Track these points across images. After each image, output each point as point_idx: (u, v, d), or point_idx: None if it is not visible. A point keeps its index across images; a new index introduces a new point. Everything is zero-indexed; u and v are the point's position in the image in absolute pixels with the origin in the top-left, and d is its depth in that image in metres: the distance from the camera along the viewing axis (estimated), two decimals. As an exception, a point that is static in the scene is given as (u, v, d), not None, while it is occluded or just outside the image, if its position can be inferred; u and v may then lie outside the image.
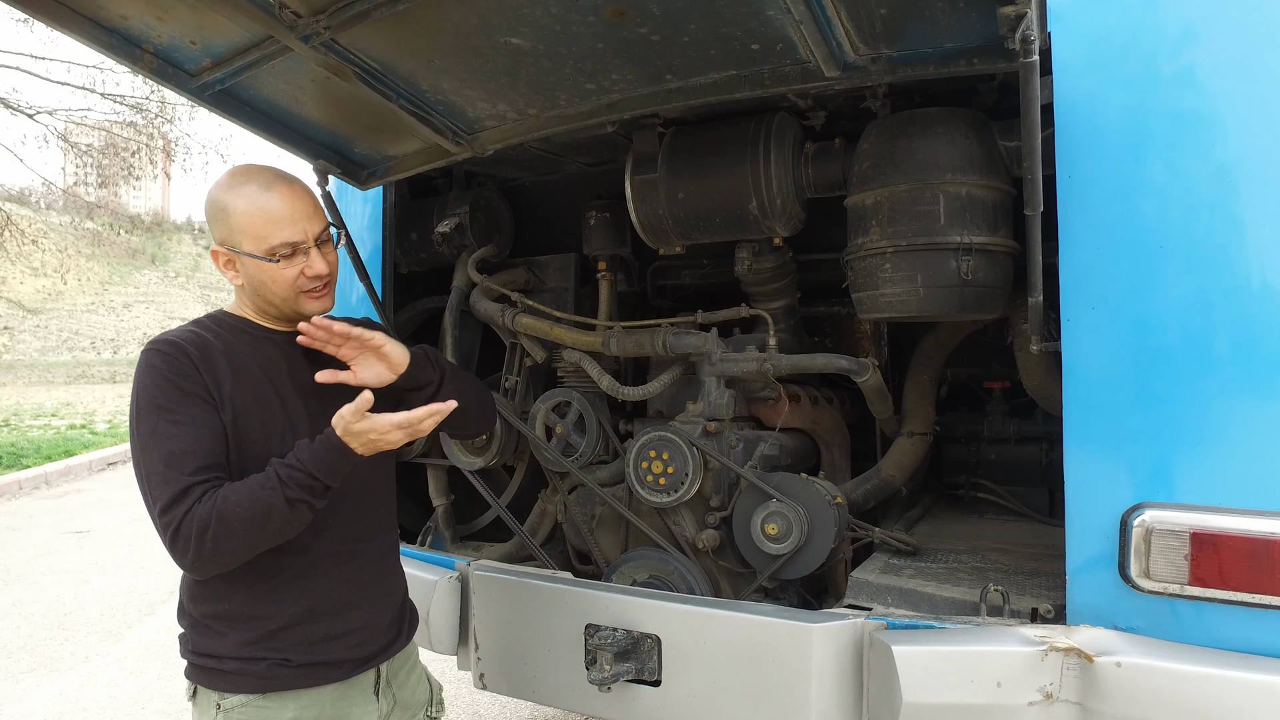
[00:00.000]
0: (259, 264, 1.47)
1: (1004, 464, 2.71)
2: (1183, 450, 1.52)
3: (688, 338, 2.20)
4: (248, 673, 1.41)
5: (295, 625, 1.43)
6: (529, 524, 2.54)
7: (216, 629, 1.42)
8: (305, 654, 1.44)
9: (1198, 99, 1.51)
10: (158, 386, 1.35)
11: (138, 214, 41.51)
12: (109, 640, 4.55)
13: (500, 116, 2.07)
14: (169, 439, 1.32)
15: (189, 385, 1.37)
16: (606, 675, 1.80)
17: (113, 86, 12.28)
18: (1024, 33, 1.34)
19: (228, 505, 1.29)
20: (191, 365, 1.39)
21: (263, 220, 1.45)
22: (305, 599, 1.45)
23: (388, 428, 1.36)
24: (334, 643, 1.47)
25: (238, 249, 1.48)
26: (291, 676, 1.42)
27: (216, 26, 1.72)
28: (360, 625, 1.52)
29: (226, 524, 1.28)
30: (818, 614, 1.76)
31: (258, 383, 1.46)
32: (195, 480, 1.30)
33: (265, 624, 1.42)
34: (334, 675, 1.47)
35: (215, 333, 1.49)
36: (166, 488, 1.29)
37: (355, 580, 1.53)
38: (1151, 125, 1.54)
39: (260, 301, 1.53)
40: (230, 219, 1.47)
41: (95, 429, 13.16)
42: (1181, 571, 1.48)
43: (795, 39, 1.62)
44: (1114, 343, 1.57)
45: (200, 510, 1.28)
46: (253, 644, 1.41)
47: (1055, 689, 1.55)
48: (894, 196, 1.88)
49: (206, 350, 1.42)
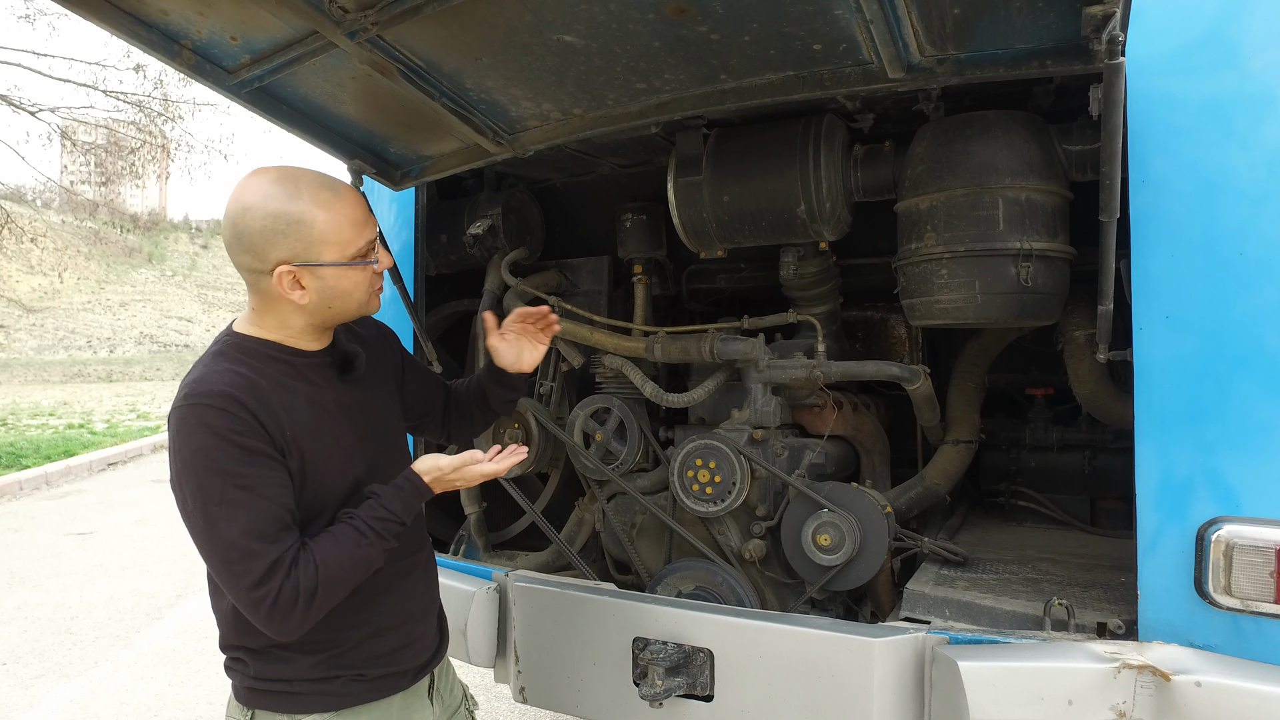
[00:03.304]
0: (342, 272, 1.36)
1: (1045, 471, 2.67)
2: (1262, 463, 1.48)
3: (735, 344, 2.16)
4: (323, 692, 1.38)
5: (366, 642, 1.42)
6: (566, 533, 2.50)
7: (284, 655, 1.37)
8: (377, 667, 1.43)
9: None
10: (220, 450, 1.22)
11: (136, 213, 41.36)
12: (118, 645, 4.49)
13: (544, 116, 2.03)
14: (244, 506, 1.21)
15: (253, 443, 1.25)
16: (658, 690, 1.76)
17: (115, 84, 12.15)
18: (1110, 33, 1.30)
19: (329, 567, 1.25)
20: (251, 418, 1.26)
21: (348, 225, 1.36)
22: (375, 616, 1.44)
23: (476, 476, 1.43)
24: (399, 654, 1.47)
25: (317, 261, 1.34)
26: (365, 690, 1.41)
27: (259, 22, 1.67)
28: (420, 634, 1.53)
29: (331, 586, 1.25)
30: (878, 628, 1.72)
31: (309, 415, 1.37)
32: (284, 548, 1.23)
33: (338, 645, 1.39)
34: (401, 684, 1.47)
35: (253, 368, 1.35)
36: (254, 561, 1.20)
37: (413, 591, 1.53)
38: (1232, 127, 1.50)
39: (325, 318, 1.41)
40: (310, 230, 1.32)
41: (94, 429, 13.06)
42: (1266, 589, 1.44)
43: (860, 39, 1.57)
44: (1189, 352, 1.53)
45: (302, 578, 1.22)
46: (324, 664, 1.38)
47: (1129, 708, 1.51)
48: (951, 201, 1.84)
49: (259, 394, 1.30)
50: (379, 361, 1.61)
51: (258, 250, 1.32)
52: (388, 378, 1.64)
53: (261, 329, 1.40)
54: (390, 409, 1.60)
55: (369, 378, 1.55)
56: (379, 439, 1.50)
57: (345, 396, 1.46)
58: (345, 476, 1.38)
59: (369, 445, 1.46)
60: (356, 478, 1.41)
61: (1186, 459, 1.53)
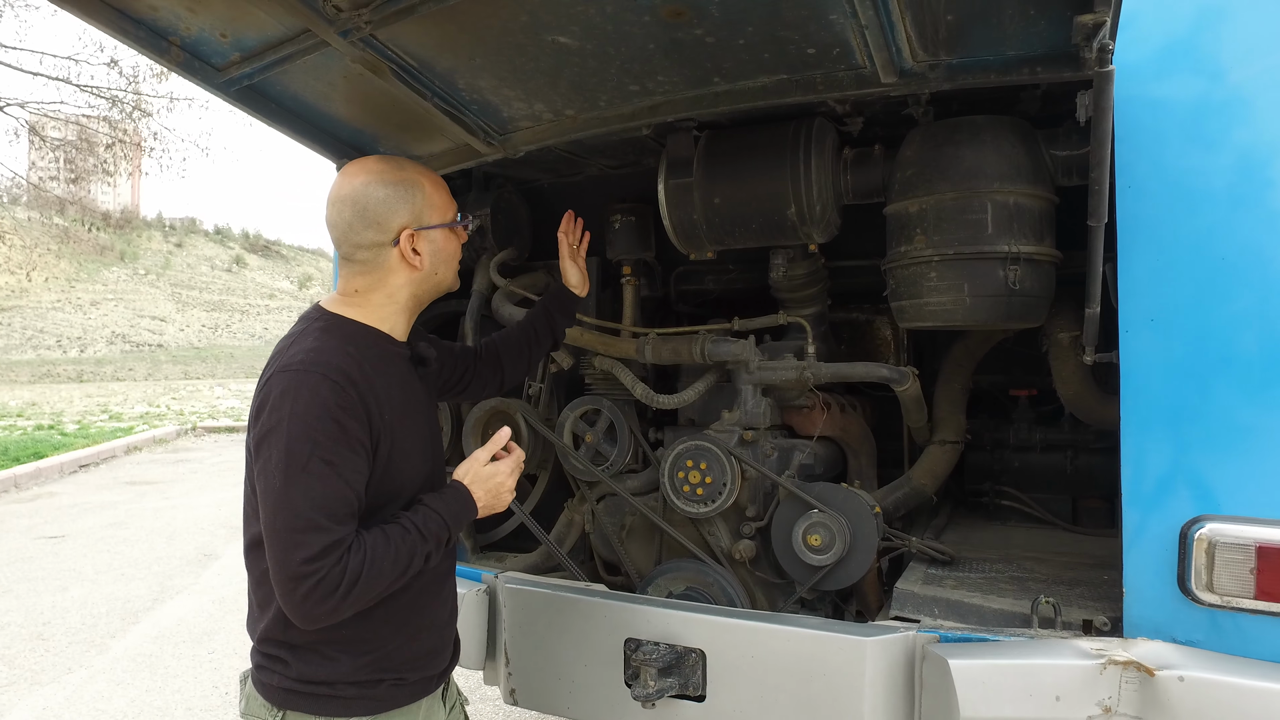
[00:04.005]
0: (447, 235, 1.51)
1: (1028, 471, 2.71)
2: (1243, 462, 1.52)
3: (726, 345, 2.17)
4: (367, 696, 1.38)
5: (409, 643, 1.44)
6: (555, 534, 2.49)
7: (329, 654, 1.36)
8: (415, 670, 1.45)
9: (1267, 108, 1.50)
10: (321, 420, 1.25)
11: (107, 210, 40.60)
12: (92, 651, 4.40)
13: (536, 117, 2.03)
14: (324, 480, 1.23)
15: (352, 426, 1.29)
16: (651, 691, 1.76)
17: (87, 79, 11.94)
18: (1101, 41, 1.32)
19: (375, 562, 1.26)
20: (358, 401, 1.30)
21: (444, 191, 1.52)
22: (418, 617, 1.45)
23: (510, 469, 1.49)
24: (434, 657, 1.50)
25: (428, 224, 1.46)
26: (403, 694, 1.43)
27: (250, 19, 1.66)
28: (450, 638, 1.58)
29: (371, 580, 1.26)
30: (869, 627, 1.74)
31: (401, 403, 1.43)
32: (347, 531, 1.26)
33: (383, 646, 1.39)
34: (431, 688, 1.50)
35: (362, 347, 1.39)
36: (316, 535, 1.22)
37: (447, 595, 1.57)
38: (1216, 135, 1.54)
39: (433, 286, 1.53)
40: (417, 196, 1.45)
41: (64, 430, 12.81)
42: (1246, 585, 1.47)
43: (854, 44, 1.59)
44: (1173, 354, 1.56)
45: (352, 563, 1.24)
46: (369, 667, 1.38)
47: (1114, 703, 1.54)
48: (940, 204, 1.86)
49: (367, 378, 1.34)
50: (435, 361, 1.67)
51: (383, 221, 1.42)
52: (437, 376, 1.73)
53: (363, 312, 1.45)
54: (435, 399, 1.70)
55: (429, 375, 1.61)
56: (438, 436, 1.60)
57: (420, 391, 1.53)
58: (421, 468, 1.45)
59: (435, 441, 1.56)
60: (429, 471, 1.49)
61: (1170, 459, 1.56)
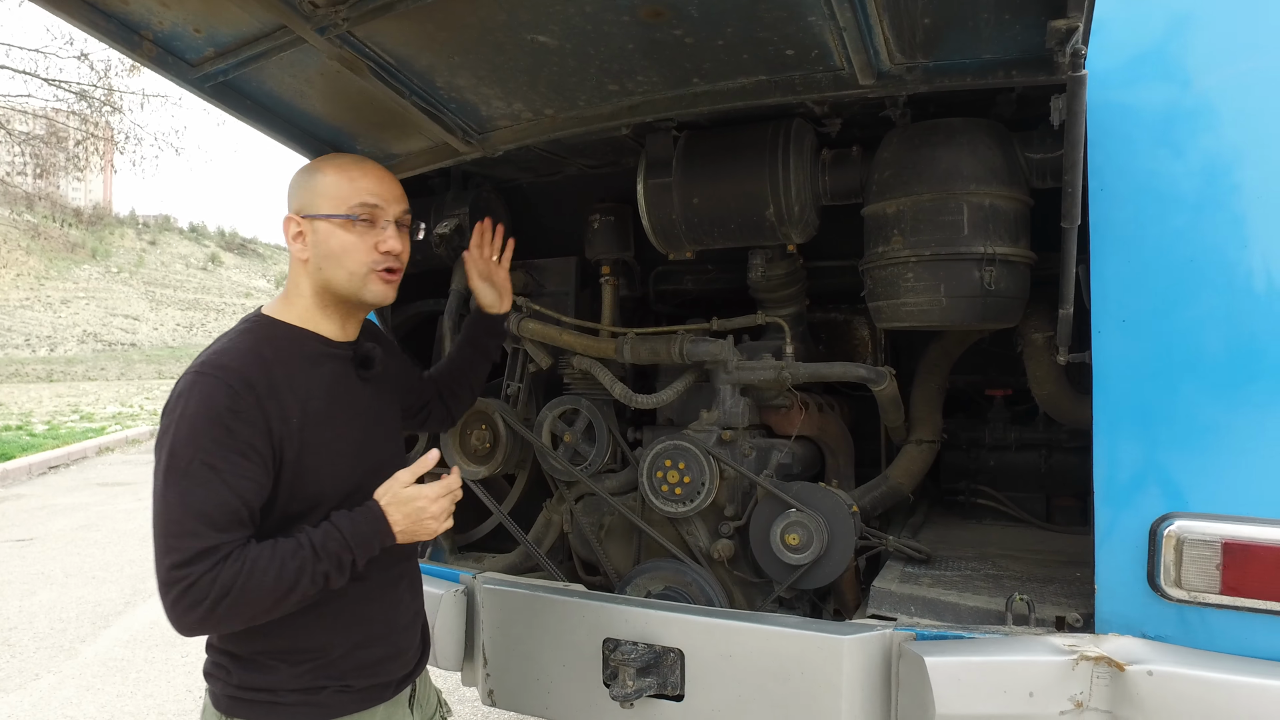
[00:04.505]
0: (333, 229, 1.40)
1: (1003, 470, 2.74)
2: (1211, 460, 1.55)
3: (705, 345, 2.17)
4: (310, 703, 1.35)
5: (353, 651, 1.40)
6: (533, 534, 2.48)
7: (266, 663, 1.35)
8: (363, 678, 1.41)
9: (1233, 114, 1.53)
10: (208, 424, 1.21)
11: (78, 206, 39.85)
12: (61, 656, 4.32)
13: (515, 116, 2.02)
14: (203, 485, 1.19)
15: (243, 431, 1.24)
16: (629, 691, 1.76)
17: (55, 72, 11.72)
18: (1074, 46, 1.34)
19: (254, 574, 1.19)
20: (255, 406, 1.25)
21: (347, 181, 1.42)
22: (363, 625, 1.42)
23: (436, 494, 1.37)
24: (386, 664, 1.46)
25: (315, 212, 1.40)
26: (351, 701, 1.39)
27: (225, 14, 1.64)
28: (407, 644, 1.53)
29: (247, 593, 1.19)
30: (846, 625, 1.75)
31: (323, 406, 1.37)
32: (225, 539, 1.20)
33: (325, 654, 1.37)
34: (385, 695, 1.46)
35: (278, 350, 1.36)
36: (188, 540, 1.17)
37: (400, 602, 1.51)
38: (1185, 140, 1.57)
39: (322, 282, 1.42)
40: (314, 182, 1.43)
41: (33, 430, 12.57)
42: (1213, 581, 1.50)
43: (833, 45, 1.60)
44: (1143, 355, 1.59)
45: (225, 573, 1.18)
46: (310, 674, 1.35)
47: (1086, 698, 1.56)
48: (917, 205, 1.87)
49: (272, 382, 1.30)
50: (393, 369, 1.64)
51: (287, 208, 1.44)
52: (398, 386, 1.67)
53: (290, 310, 1.44)
54: (398, 417, 1.63)
55: (384, 381, 1.56)
56: (388, 444, 1.52)
57: (361, 395, 1.47)
58: (348, 475, 1.38)
59: (378, 448, 1.47)
60: (359, 479, 1.39)
61: (1140, 457, 1.59)
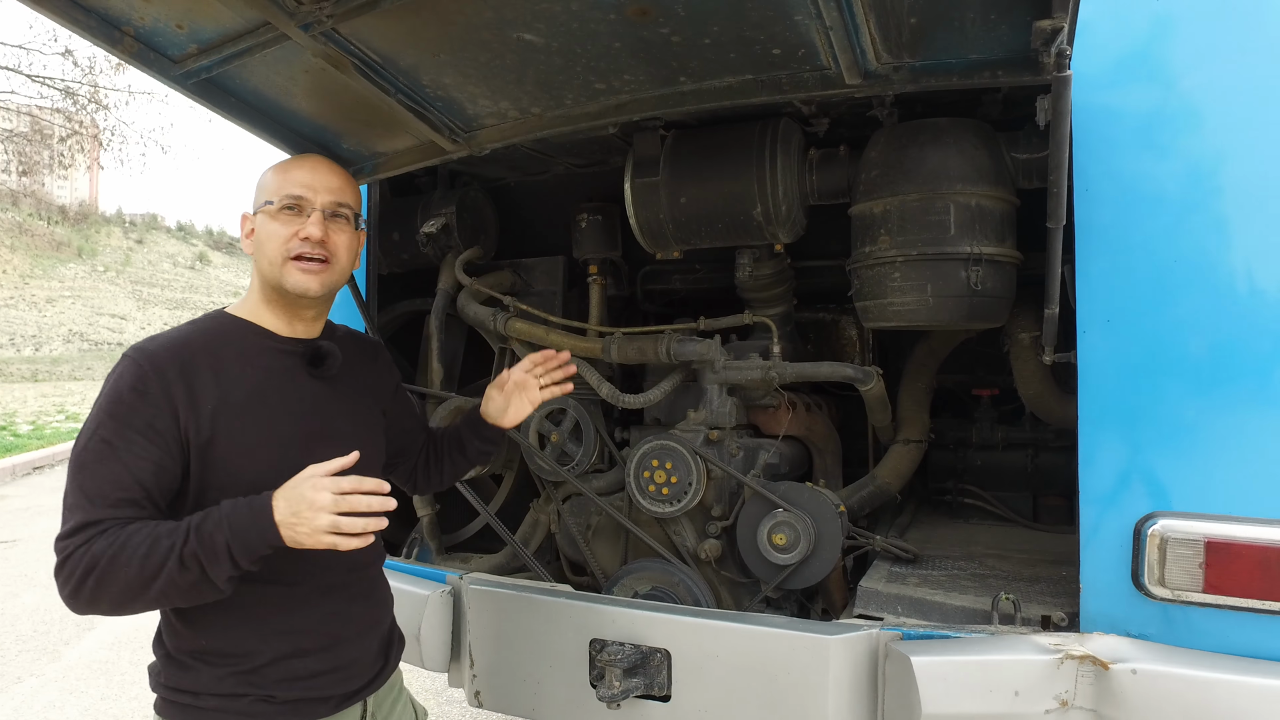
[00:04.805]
0: (265, 220, 1.43)
1: (990, 470, 2.75)
2: (1195, 460, 1.55)
3: (691, 345, 2.17)
4: (228, 710, 1.31)
5: (281, 661, 1.34)
6: (520, 535, 2.48)
7: (188, 663, 1.32)
8: (290, 690, 1.34)
9: (1216, 116, 1.54)
10: (113, 402, 1.24)
11: (64, 204, 39.47)
12: (44, 658, 4.28)
13: (501, 115, 2.01)
14: (97, 460, 1.20)
15: (146, 412, 1.23)
16: (616, 691, 1.75)
17: (39, 69, 11.59)
18: (1059, 47, 1.35)
19: (125, 548, 1.15)
20: (159, 388, 1.25)
21: (282, 174, 1.46)
22: (292, 635, 1.35)
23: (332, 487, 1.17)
24: (321, 679, 1.37)
25: (256, 207, 1.46)
26: (275, 713, 1.33)
27: (208, 10, 1.62)
28: (351, 659, 1.42)
29: (116, 566, 1.15)
30: (833, 625, 1.75)
31: (245, 397, 1.34)
32: (109, 515, 1.18)
33: (248, 661, 1.32)
34: (320, 711, 1.38)
35: (211, 338, 1.36)
36: (73, 513, 1.19)
37: (346, 613, 1.43)
38: (1168, 141, 1.58)
39: (260, 275, 1.44)
40: (261, 180, 1.47)
41: (17, 430, 12.44)
42: (1196, 579, 1.51)
43: (819, 45, 1.60)
44: (1128, 355, 1.60)
45: (97, 546, 1.16)
46: (230, 679, 1.31)
47: (1071, 696, 1.57)
48: (904, 205, 1.88)
49: (191, 366, 1.29)
50: (366, 376, 1.59)
51: None
52: (372, 394, 1.60)
53: (244, 306, 1.47)
54: (363, 421, 1.54)
55: (345, 383, 1.51)
56: (334, 443, 1.41)
57: (305, 391, 1.43)
58: (267, 467, 1.31)
59: (317, 446, 1.38)
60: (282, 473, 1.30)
61: (1125, 457, 1.60)
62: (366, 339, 1.71)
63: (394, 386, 1.70)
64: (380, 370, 1.66)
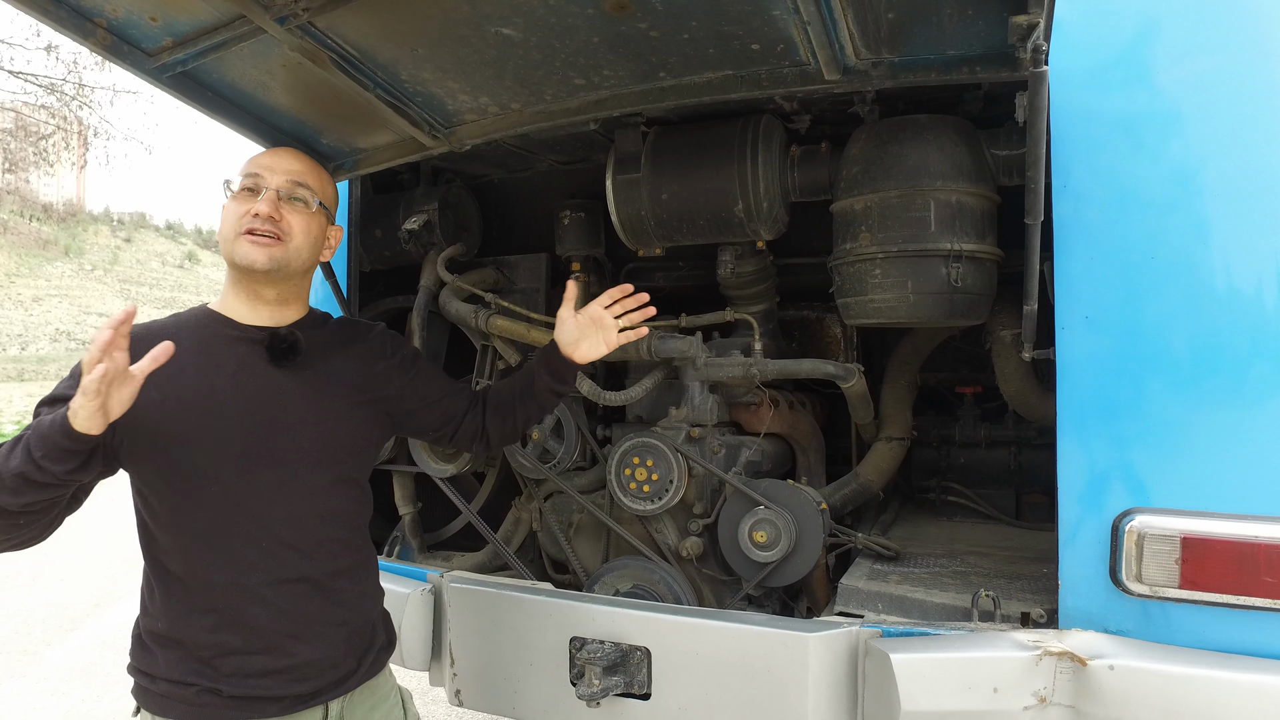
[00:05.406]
0: (228, 201, 1.49)
1: (973, 467, 2.76)
2: (1171, 456, 1.56)
3: (672, 342, 2.16)
4: (177, 697, 1.32)
5: (229, 655, 1.33)
6: (502, 533, 2.46)
7: (147, 644, 1.36)
8: (238, 686, 1.33)
9: (1196, 113, 1.54)
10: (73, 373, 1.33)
11: (49, 202, 39.14)
12: (25, 660, 4.25)
13: (481, 110, 1.99)
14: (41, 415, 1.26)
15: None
16: (595, 690, 1.75)
17: (23, 64, 11.47)
18: (1035, 42, 1.35)
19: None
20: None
21: (249, 162, 1.53)
22: (239, 630, 1.34)
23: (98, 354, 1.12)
24: (272, 677, 1.35)
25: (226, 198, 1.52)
26: (221, 707, 1.33)
27: (181, 3, 1.60)
28: (306, 659, 1.38)
29: None
30: (813, 623, 1.74)
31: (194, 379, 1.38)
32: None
33: (194, 650, 1.33)
34: (269, 710, 1.35)
35: (179, 327, 1.46)
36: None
37: (297, 611, 1.38)
38: (1146, 138, 1.58)
39: (222, 254, 1.49)
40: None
41: (2, 430, 12.35)
42: (1172, 575, 1.51)
43: (798, 40, 1.60)
44: (1106, 352, 1.60)
45: None
46: (180, 666, 1.33)
47: (1049, 693, 1.57)
48: (885, 202, 1.88)
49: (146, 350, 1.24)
50: (344, 363, 1.56)
51: None
52: (349, 382, 1.56)
53: (219, 299, 1.53)
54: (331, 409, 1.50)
55: (315, 370, 1.49)
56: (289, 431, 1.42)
57: (262, 378, 1.43)
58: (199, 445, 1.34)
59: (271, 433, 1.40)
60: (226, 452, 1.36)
61: (1103, 454, 1.60)
62: (362, 324, 1.70)
63: (396, 365, 1.64)
64: (366, 354, 1.60)
